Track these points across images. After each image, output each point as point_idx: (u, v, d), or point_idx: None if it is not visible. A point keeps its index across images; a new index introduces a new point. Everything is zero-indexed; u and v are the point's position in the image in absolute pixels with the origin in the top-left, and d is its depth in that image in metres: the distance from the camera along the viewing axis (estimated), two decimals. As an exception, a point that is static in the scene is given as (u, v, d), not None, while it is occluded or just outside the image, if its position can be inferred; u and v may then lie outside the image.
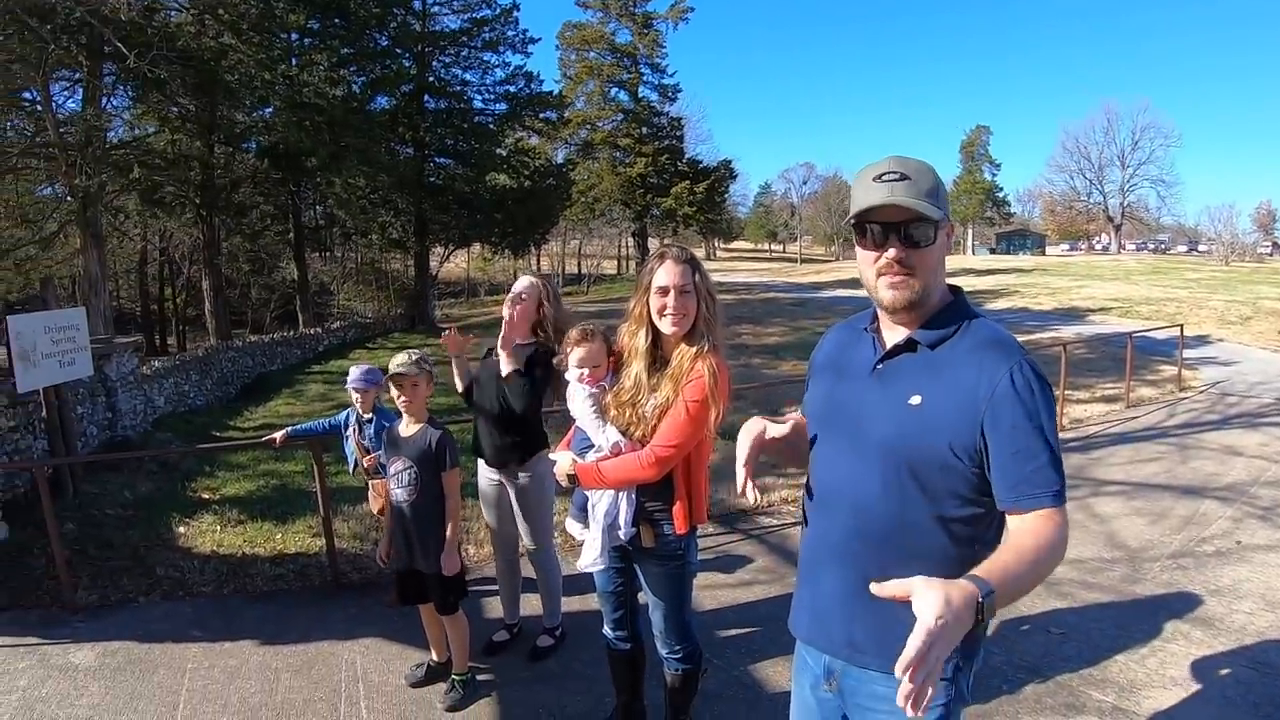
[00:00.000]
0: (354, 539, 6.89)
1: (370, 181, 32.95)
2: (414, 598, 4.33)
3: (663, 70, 55.41)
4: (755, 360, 19.67)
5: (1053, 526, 1.78)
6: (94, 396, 11.34)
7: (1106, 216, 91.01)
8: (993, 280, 41.03)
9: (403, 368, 4.04)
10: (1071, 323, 24.96)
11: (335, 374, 23.69)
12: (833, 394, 2.17)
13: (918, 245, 1.92)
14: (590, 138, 54.07)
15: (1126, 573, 5.87)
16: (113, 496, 8.63)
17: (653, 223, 57.22)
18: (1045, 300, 31.79)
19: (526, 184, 40.98)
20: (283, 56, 28.48)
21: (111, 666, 4.75)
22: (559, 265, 75.71)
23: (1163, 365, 15.68)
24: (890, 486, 1.94)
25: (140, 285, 42.75)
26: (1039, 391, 1.85)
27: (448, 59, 39.41)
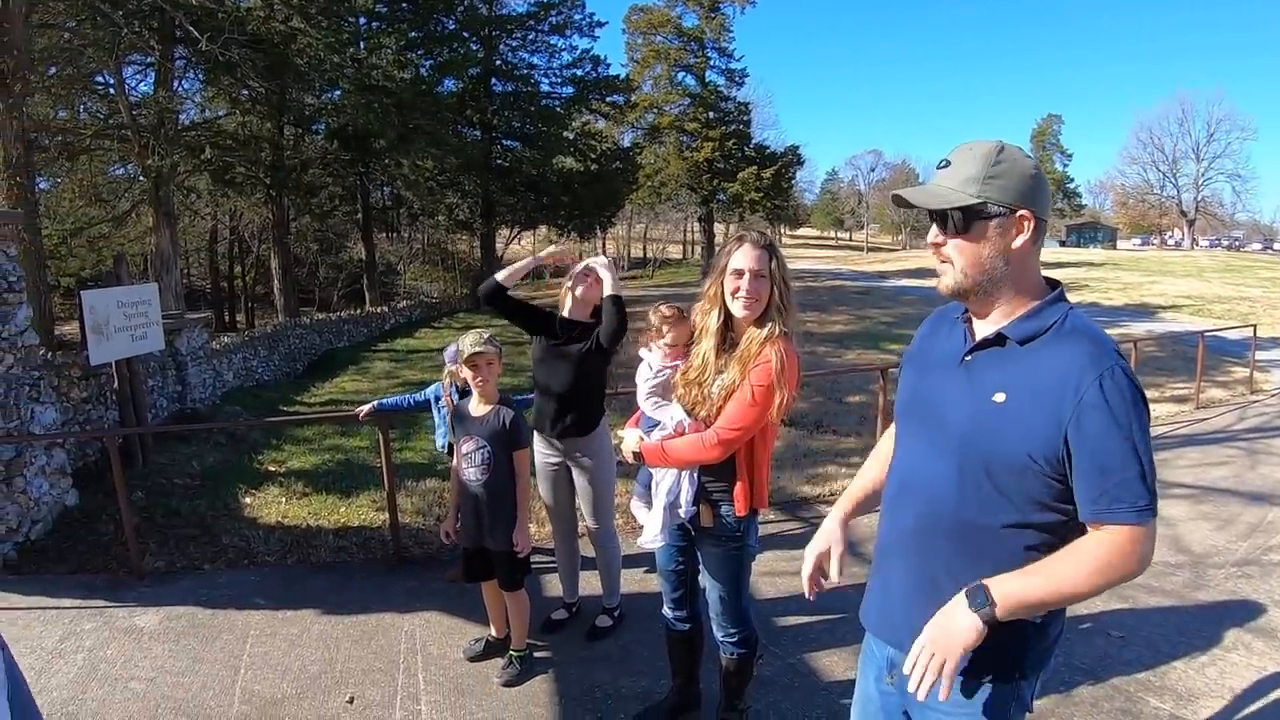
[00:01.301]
0: (416, 514, 6.94)
1: (438, 163, 33.26)
2: (480, 575, 4.33)
3: (730, 54, 54.99)
4: (820, 348, 19.55)
5: (1120, 543, 1.73)
6: (164, 370, 11.55)
7: (1180, 211, 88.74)
8: (1062, 274, 40.10)
9: (479, 347, 4.01)
10: (1142, 319, 24.49)
11: (401, 352, 24.00)
12: (919, 384, 2.12)
13: (950, 232, 1.89)
14: (657, 122, 53.84)
15: (1190, 578, 5.70)
16: (181, 467, 8.78)
17: (719, 208, 56.89)
18: (1116, 296, 31.23)
19: (593, 167, 41.16)
20: (351, 40, 28.76)
21: (175, 630, 4.82)
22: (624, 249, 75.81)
23: (1234, 366, 15.34)
24: (966, 483, 1.89)
25: (210, 263, 43.54)
26: (1131, 400, 1.75)
27: (515, 42, 39.63)
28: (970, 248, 1.87)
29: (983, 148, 1.88)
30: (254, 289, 44.49)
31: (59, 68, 19.71)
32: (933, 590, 1.94)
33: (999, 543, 1.86)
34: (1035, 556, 1.83)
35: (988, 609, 1.76)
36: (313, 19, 25.26)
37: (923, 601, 1.95)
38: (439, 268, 51.62)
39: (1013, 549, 1.85)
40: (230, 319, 40.29)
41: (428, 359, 21.39)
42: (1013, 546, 1.85)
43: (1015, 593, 1.76)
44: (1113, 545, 1.72)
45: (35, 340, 7.14)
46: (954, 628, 1.79)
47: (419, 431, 11.12)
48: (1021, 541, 1.85)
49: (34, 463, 6.74)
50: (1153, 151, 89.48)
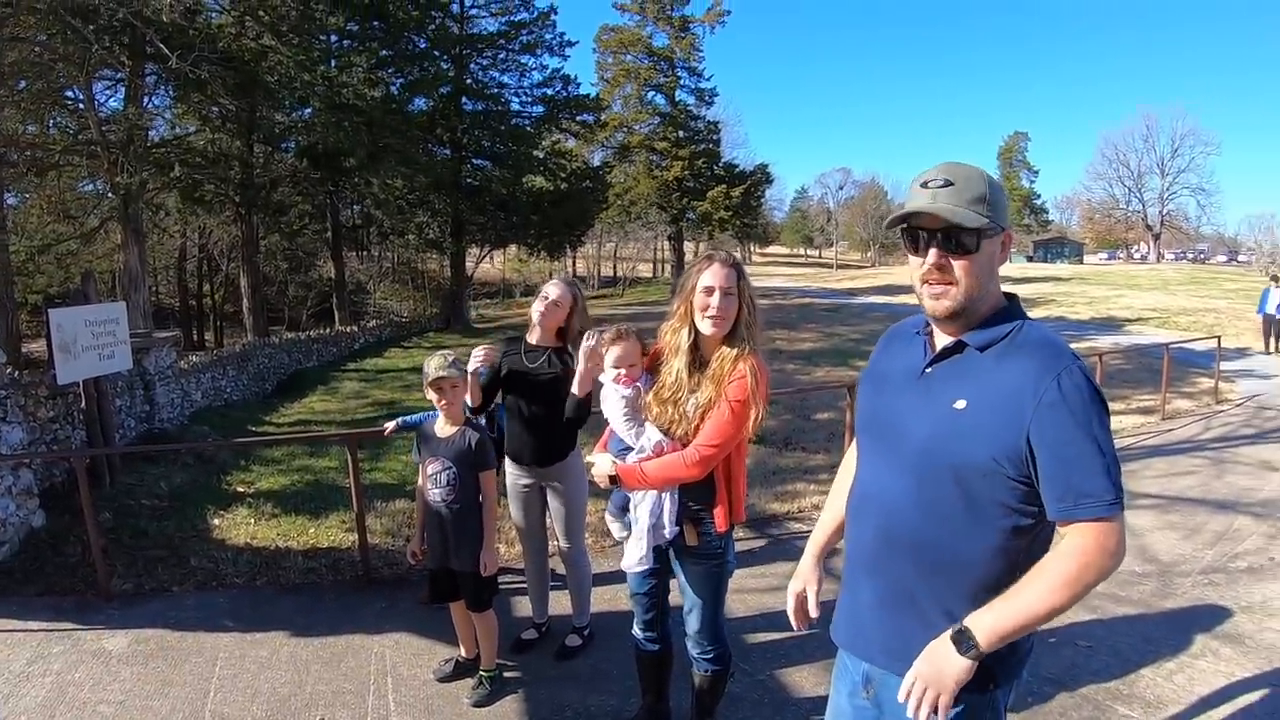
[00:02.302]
0: (386, 535, 6.93)
1: (407, 182, 33.24)
2: (446, 595, 4.35)
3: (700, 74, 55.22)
4: (789, 366, 19.63)
5: (1095, 540, 1.76)
6: (132, 389, 11.48)
7: (1145, 225, 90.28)
8: (1030, 289, 40.67)
9: (443, 371, 4.03)
10: (1108, 332, 24.77)
11: (370, 372, 23.91)
12: (880, 400, 2.14)
13: (958, 253, 1.90)
14: (627, 141, 53.97)
15: (1157, 587, 5.80)
16: (149, 488, 8.72)
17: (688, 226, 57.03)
18: (1082, 309, 31.55)
19: (563, 186, 41.19)
20: (322, 58, 28.70)
21: (144, 653, 4.80)
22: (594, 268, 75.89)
23: (1200, 377, 15.53)
24: (928, 493, 1.91)
25: (179, 281, 43.27)
26: (1089, 397, 1.79)
27: (485, 61, 39.68)
28: (976, 268, 1.90)
29: (974, 168, 1.94)
30: (223, 308, 44.23)
31: (29, 82, 19.58)
32: (904, 603, 1.98)
33: (966, 551, 1.89)
34: (1006, 562, 1.87)
35: (974, 650, 1.80)
36: (284, 36, 25.28)
37: (893, 615, 2.00)
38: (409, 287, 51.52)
39: (979, 556, 1.88)
40: (199, 338, 40.04)
41: (398, 379, 21.34)
42: (979, 553, 1.88)
43: (997, 627, 1.79)
44: (1081, 547, 1.75)
45: (2, 359, 7.11)
46: (946, 667, 1.83)
47: (389, 452, 11.11)
48: (988, 547, 1.87)
49: (0, 483, 6.69)
50: (1118, 167, 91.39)
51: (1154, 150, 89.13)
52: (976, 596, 1.88)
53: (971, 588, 1.89)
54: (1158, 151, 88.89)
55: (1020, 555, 1.88)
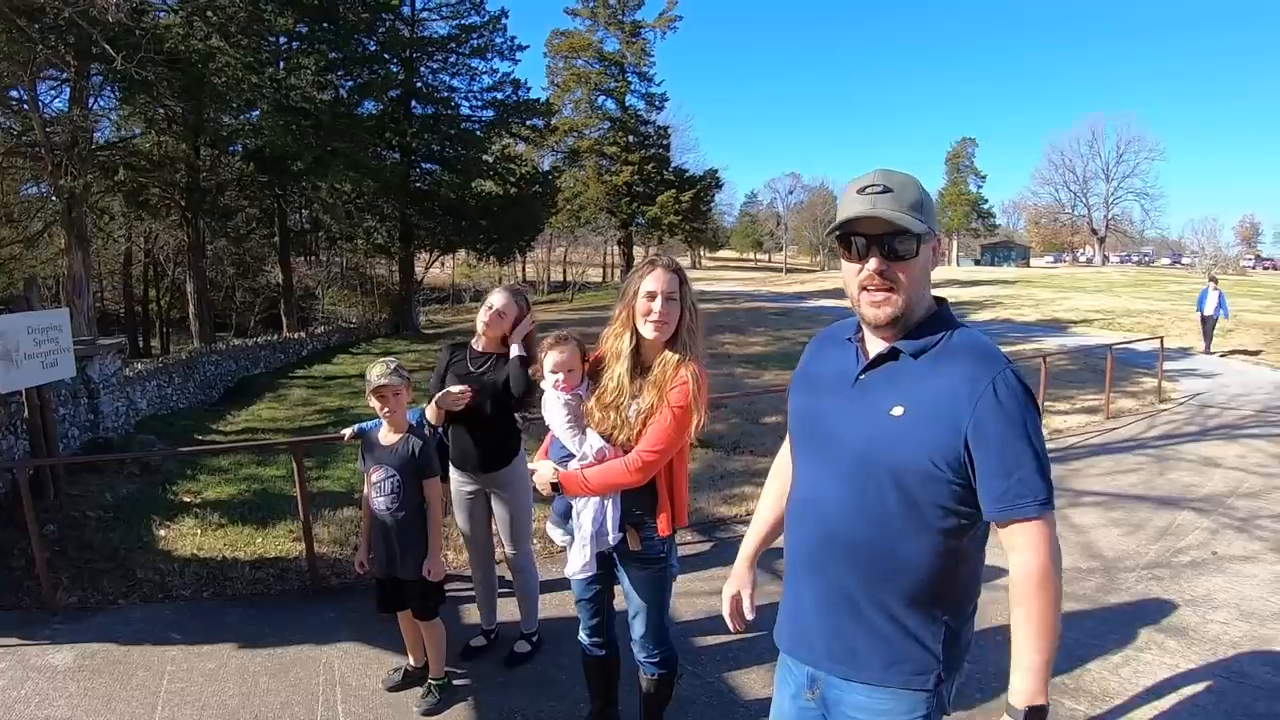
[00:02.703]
0: (334, 544, 6.91)
1: (356, 186, 33.04)
2: (393, 605, 4.37)
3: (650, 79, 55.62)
4: (738, 370, 19.69)
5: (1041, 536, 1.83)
6: (76, 398, 11.32)
7: (1091, 229, 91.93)
8: (977, 291, 41.24)
9: (385, 379, 4.03)
10: (1054, 334, 25.16)
11: (319, 378, 23.67)
12: (814, 406, 2.16)
13: (899, 258, 1.93)
14: (577, 145, 54.12)
15: (1102, 582, 5.95)
16: (94, 498, 8.61)
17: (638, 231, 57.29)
18: (1029, 312, 31.99)
19: (512, 191, 41.07)
20: (270, 60, 28.45)
21: (90, 668, 4.77)
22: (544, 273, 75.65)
23: (1143, 377, 15.82)
24: (870, 499, 1.93)
25: (124, 287, 42.51)
26: (1023, 400, 1.85)
27: (435, 65, 39.53)
28: (916, 273, 1.95)
29: (909, 175, 1.97)
30: (169, 314, 43.50)
31: (-30, 82, 19.25)
32: (846, 606, 2.01)
33: (905, 553, 1.93)
34: (945, 563, 1.92)
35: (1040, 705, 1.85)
36: (232, 38, 25.00)
37: (835, 618, 2.04)
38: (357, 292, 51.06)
39: (918, 557, 1.92)
40: (145, 345, 39.34)
41: (346, 385, 21.16)
42: (918, 555, 1.92)
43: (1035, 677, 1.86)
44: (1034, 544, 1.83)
45: (-59, 369, 7.01)
46: None
47: (336, 460, 11.03)
48: (927, 548, 1.92)
49: (-59, 495, 6.61)
50: (1064, 172, 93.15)
51: (1099, 156, 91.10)
52: (916, 598, 1.94)
53: (911, 589, 1.94)
54: (1103, 157, 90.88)
55: (956, 555, 1.94)
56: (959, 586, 2.00)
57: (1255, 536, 6.98)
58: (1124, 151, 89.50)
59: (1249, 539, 6.91)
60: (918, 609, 1.95)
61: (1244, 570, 6.19)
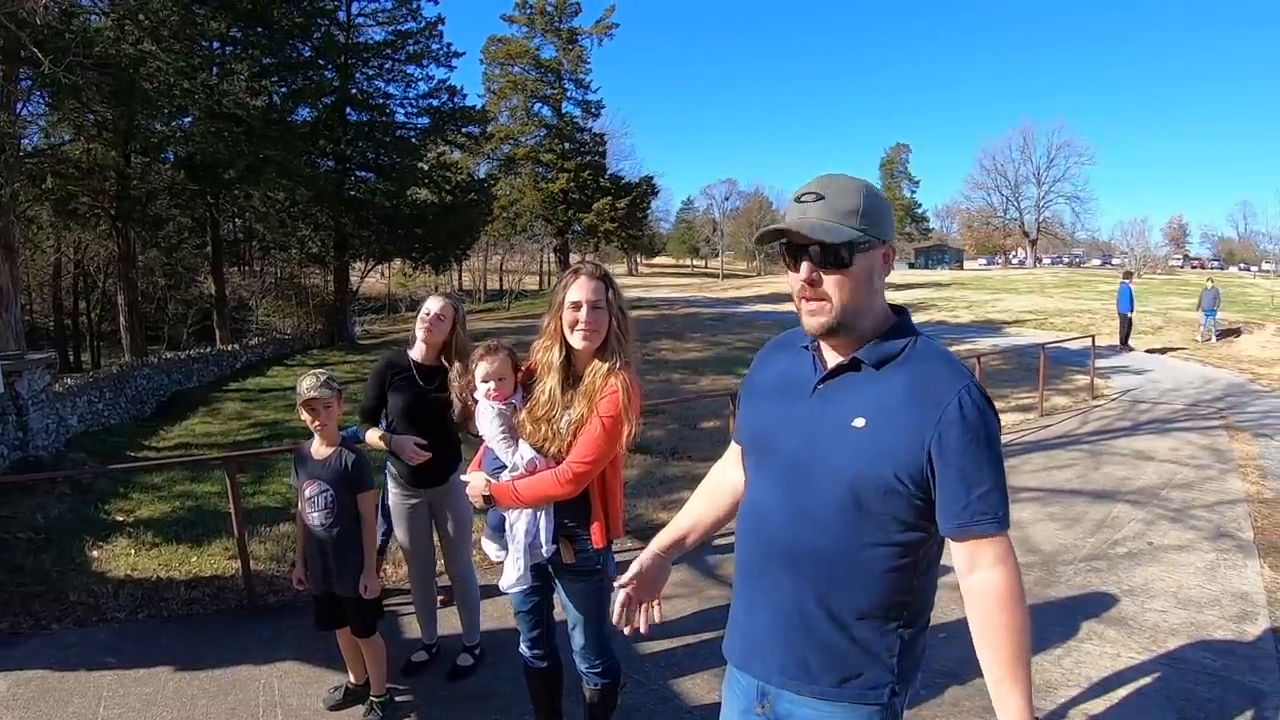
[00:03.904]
0: (270, 560, 6.85)
1: (289, 195, 32.64)
2: (332, 621, 4.34)
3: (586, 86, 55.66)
4: (675, 375, 19.82)
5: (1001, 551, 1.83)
6: (4, 415, 11.10)
7: (1023, 232, 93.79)
8: (911, 294, 41.78)
9: (314, 392, 4.00)
10: (988, 335, 25.65)
11: (253, 391, 23.35)
12: (767, 415, 2.12)
13: (830, 268, 1.88)
14: (513, 153, 54.00)
15: (1041, 576, 6.11)
16: (24, 519, 8.46)
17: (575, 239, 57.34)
18: (963, 313, 32.56)
19: (448, 199, 40.85)
20: (203, 65, 27.94)
21: (25, 697, 4.69)
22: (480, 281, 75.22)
23: (1076, 375, 16.23)
24: (825, 510, 1.90)
25: (54, 299, 41.56)
26: (987, 416, 1.85)
27: (371, 71, 39.17)
28: (850, 283, 1.88)
29: (851, 180, 1.94)
30: (100, 326, 42.59)
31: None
32: (799, 621, 1.97)
33: (861, 567, 1.90)
34: (902, 577, 1.90)
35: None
36: (164, 42, 24.56)
37: (787, 634, 1.99)
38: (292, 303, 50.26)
39: (879, 571, 1.89)
40: (75, 358, 38.53)
41: (281, 398, 20.89)
42: (878, 569, 1.89)
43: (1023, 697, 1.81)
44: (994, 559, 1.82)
45: None
46: None
47: (271, 475, 10.94)
48: (883, 563, 1.89)
49: None
50: (996, 177, 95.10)
51: (1030, 160, 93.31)
52: (871, 611, 1.92)
53: (866, 602, 1.92)
54: (1034, 162, 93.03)
55: (912, 568, 1.92)
56: (915, 598, 1.97)
57: (1189, 526, 7.23)
58: (1054, 156, 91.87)
59: (1183, 529, 7.16)
60: (872, 622, 1.93)
61: (1180, 559, 6.41)
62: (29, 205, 25.14)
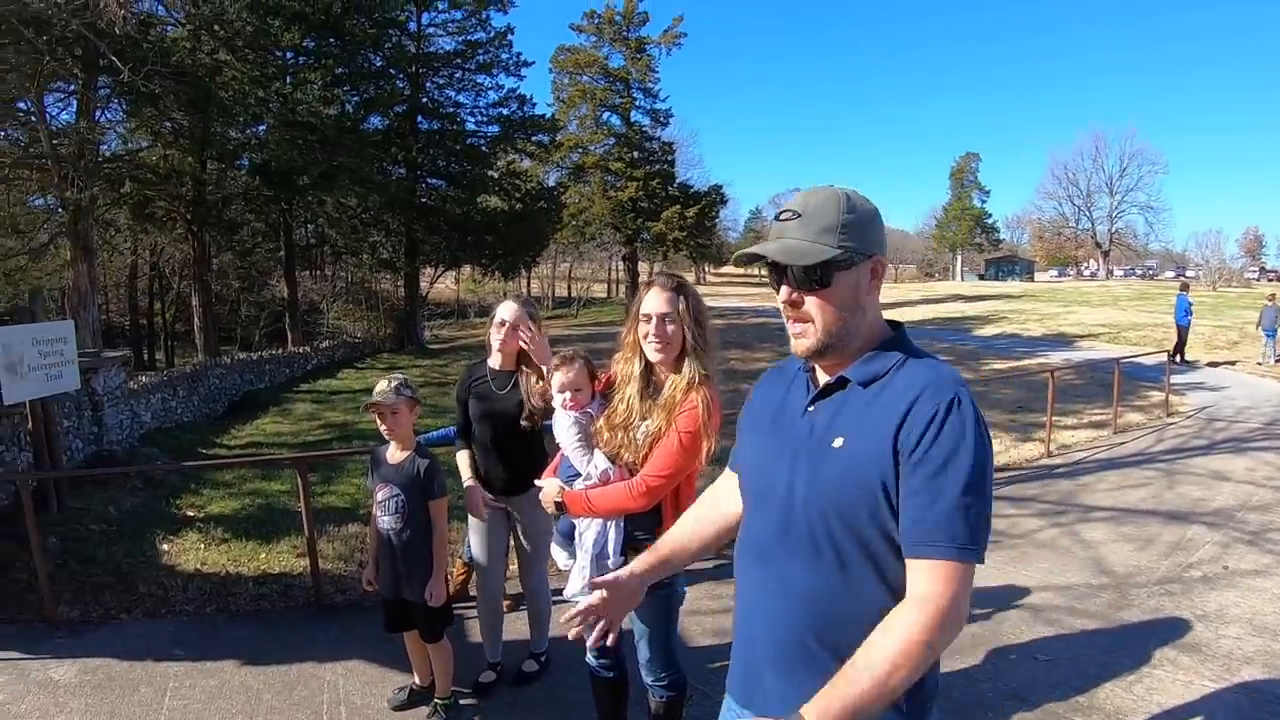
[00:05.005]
0: (338, 560, 6.87)
1: (362, 201, 33.06)
2: (400, 625, 4.30)
3: (655, 95, 55.43)
4: (744, 386, 19.57)
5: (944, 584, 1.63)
6: (80, 410, 11.29)
7: (1095, 243, 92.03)
8: (982, 306, 41.25)
9: (379, 396, 3.99)
10: (1060, 348, 25.05)
11: (323, 393, 23.61)
12: (765, 442, 2.03)
13: (809, 288, 1.81)
14: (582, 161, 54.00)
15: (1114, 599, 5.89)
16: (97, 512, 8.58)
17: (643, 247, 57.13)
18: (1034, 326, 31.90)
19: (518, 206, 41.10)
20: (277, 74, 28.45)
21: (92, 683, 4.72)
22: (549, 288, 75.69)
23: (1150, 391, 15.74)
24: (819, 541, 1.80)
25: (129, 299, 42.57)
26: (967, 426, 1.69)
27: (441, 80, 39.56)
28: (831, 303, 1.81)
29: (830, 195, 1.84)
30: (174, 327, 43.58)
31: (-22, 92, 19.30)
32: (801, 657, 1.85)
33: (857, 600, 1.78)
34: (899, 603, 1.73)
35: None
36: (239, 52, 25.06)
37: (790, 672, 1.88)
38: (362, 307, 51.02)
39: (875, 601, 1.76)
40: (149, 357, 39.40)
41: (351, 400, 21.11)
42: (874, 598, 1.76)
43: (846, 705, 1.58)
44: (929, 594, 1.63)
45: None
46: None
47: (341, 476, 11.00)
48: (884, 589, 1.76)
49: (-57, 507, 6.58)
50: (1068, 186, 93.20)
51: (1103, 169, 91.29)
52: None
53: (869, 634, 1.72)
54: (1106, 171, 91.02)
55: None
56: None
57: (1267, 550, 6.92)
58: (1127, 165, 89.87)
59: (1260, 553, 6.85)
60: None
61: (1256, 584, 6.13)
62: (107, 208, 25.74)
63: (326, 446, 14.29)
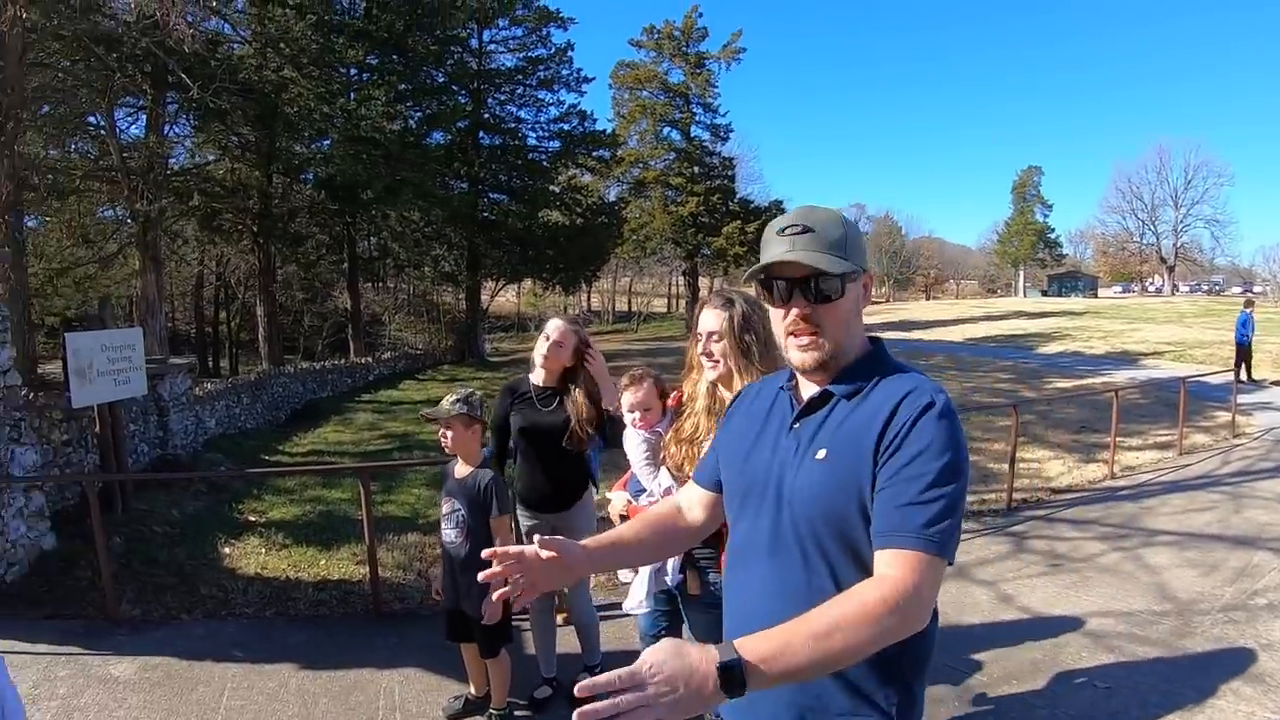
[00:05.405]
0: (397, 568, 6.90)
1: (424, 215, 33.49)
2: (460, 635, 4.28)
3: (715, 110, 55.43)
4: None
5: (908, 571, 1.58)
6: (146, 415, 11.47)
7: (1160, 258, 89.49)
8: (1045, 324, 40.52)
9: (434, 411, 4.02)
10: (1124, 367, 24.50)
11: (385, 403, 23.82)
12: (749, 459, 2.00)
13: (823, 300, 1.82)
14: (642, 176, 54.15)
15: (1177, 626, 5.69)
16: (161, 514, 8.70)
17: (703, 262, 57.04)
18: (1098, 344, 31.26)
19: (579, 221, 41.39)
20: (341, 91, 28.94)
21: (151, 680, 4.77)
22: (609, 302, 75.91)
23: (1217, 411, 15.31)
24: (809, 553, 1.78)
25: (195, 308, 43.44)
26: (940, 428, 1.69)
27: (503, 96, 40.02)
28: (840, 314, 1.84)
29: (831, 212, 1.88)
30: (238, 335, 44.38)
31: (51, 107, 19.78)
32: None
33: None
34: None
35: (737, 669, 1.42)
36: (304, 69, 25.57)
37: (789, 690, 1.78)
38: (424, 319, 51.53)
39: None
40: (214, 365, 40.10)
41: (411, 410, 21.27)
42: None
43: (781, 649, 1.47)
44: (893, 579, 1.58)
45: (17, 380, 7.13)
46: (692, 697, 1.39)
47: (401, 486, 11.06)
48: None
49: (12, 504, 6.71)
50: (1131, 200, 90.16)
51: (1167, 182, 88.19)
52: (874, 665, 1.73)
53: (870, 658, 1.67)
54: (1171, 183, 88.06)
55: None
56: (923, 636, 1.73)
57: (1337, 579, 6.66)
58: (1192, 177, 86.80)
59: (1331, 581, 6.59)
60: (874, 668, 1.75)
61: (1326, 615, 5.90)
62: (175, 220, 26.31)
63: (387, 456, 14.39)
